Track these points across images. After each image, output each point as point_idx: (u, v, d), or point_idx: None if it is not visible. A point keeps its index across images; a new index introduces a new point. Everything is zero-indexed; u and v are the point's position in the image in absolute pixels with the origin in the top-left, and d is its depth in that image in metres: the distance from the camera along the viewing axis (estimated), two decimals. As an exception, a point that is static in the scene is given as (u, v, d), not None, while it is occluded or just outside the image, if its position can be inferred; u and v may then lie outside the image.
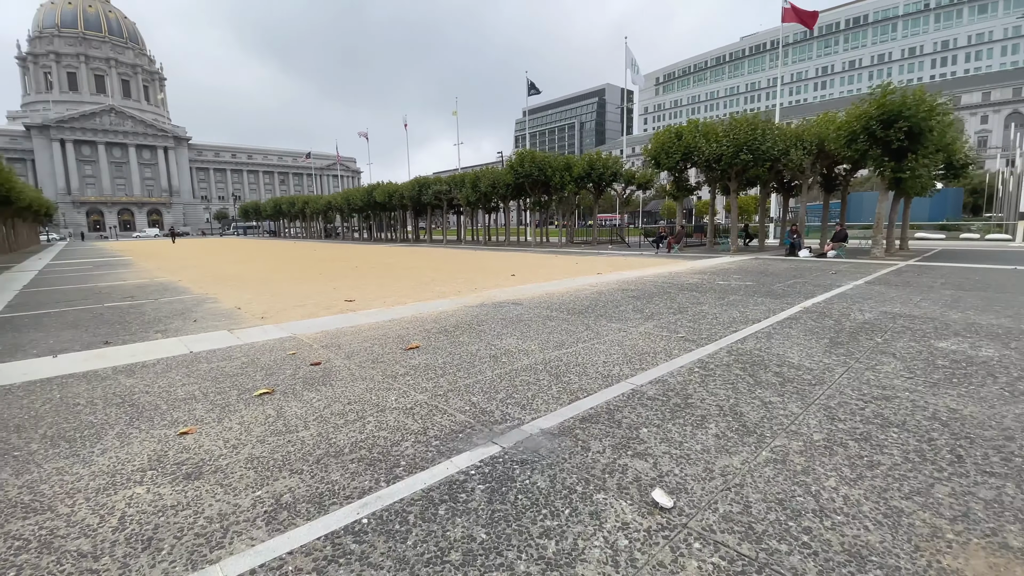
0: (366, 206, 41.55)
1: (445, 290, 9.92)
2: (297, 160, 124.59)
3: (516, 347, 5.31)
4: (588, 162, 27.56)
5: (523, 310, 7.49)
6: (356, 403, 3.81)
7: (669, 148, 20.45)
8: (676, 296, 8.60)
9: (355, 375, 4.50)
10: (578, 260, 17.32)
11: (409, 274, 13.30)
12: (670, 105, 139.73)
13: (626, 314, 7.03)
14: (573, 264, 15.60)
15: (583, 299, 8.43)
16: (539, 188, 28.52)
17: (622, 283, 10.54)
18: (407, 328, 6.41)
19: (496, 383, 4.17)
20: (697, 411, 3.50)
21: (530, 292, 9.40)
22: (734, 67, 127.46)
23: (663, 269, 13.49)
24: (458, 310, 7.64)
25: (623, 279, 11.26)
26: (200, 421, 3.56)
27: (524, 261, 17.41)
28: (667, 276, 11.75)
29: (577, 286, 10.15)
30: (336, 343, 5.72)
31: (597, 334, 5.83)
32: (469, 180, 30.87)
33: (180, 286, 11.82)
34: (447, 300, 8.63)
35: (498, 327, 6.33)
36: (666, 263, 15.47)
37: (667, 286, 9.93)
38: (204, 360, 5.13)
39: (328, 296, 9.46)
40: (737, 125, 18.70)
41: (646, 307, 7.57)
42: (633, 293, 9.03)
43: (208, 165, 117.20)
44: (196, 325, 6.98)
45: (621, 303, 7.97)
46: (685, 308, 7.43)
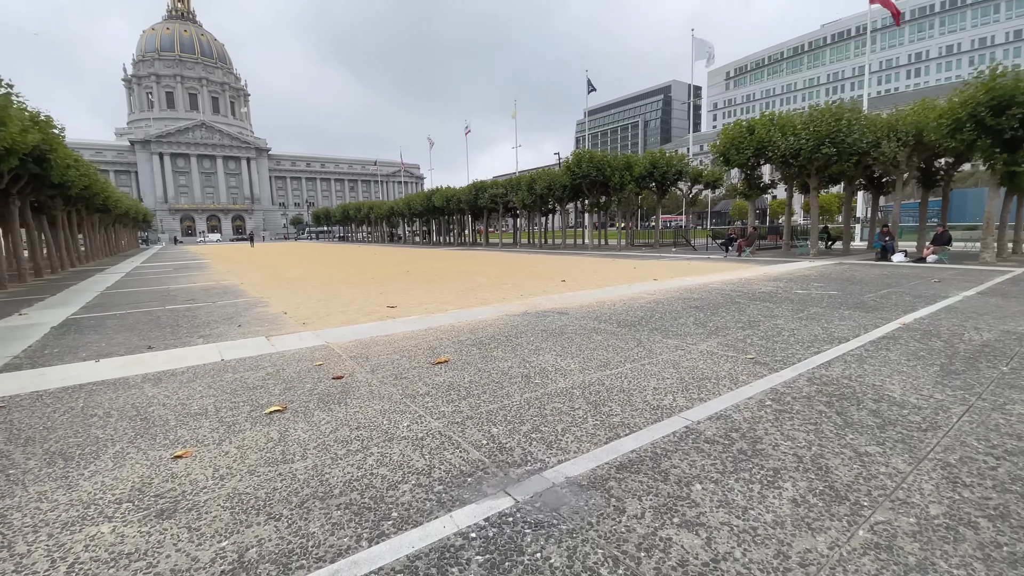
0: (425, 211, 42.34)
1: (489, 297, 9.48)
2: (366, 168, 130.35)
3: (553, 365, 4.73)
4: (650, 160, 26.28)
5: (568, 321, 6.87)
6: (365, 428, 3.40)
7: (740, 143, 18.93)
8: (745, 307, 7.63)
9: (373, 393, 4.11)
10: (636, 264, 16.35)
11: (457, 279, 13.03)
12: (741, 100, 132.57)
13: (685, 328, 6.22)
14: (630, 269, 14.70)
15: (637, 309, 7.67)
16: (597, 189, 27.58)
17: (683, 291, 9.62)
18: (441, 338, 6.01)
19: (523, 410, 3.62)
20: (768, 462, 2.76)
21: (579, 300, 8.74)
22: (814, 57, 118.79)
23: (732, 275, 12.32)
24: (498, 319, 7.15)
25: (685, 286, 10.31)
26: (200, 443, 3.29)
27: (578, 265, 16.69)
28: (736, 283, 10.65)
29: (632, 294, 9.36)
30: (365, 353, 5.41)
31: (649, 352, 5.11)
32: (525, 183, 30.46)
33: (240, 289, 12.23)
34: (489, 308, 8.17)
35: (537, 340, 5.77)
36: (735, 268, 14.20)
37: (735, 295, 8.91)
38: (231, 369, 4.97)
39: (373, 301, 9.30)
40: (819, 116, 16.94)
41: (709, 320, 6.70)
42: (695, 303, 8.14)
43: (285, 174, 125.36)
44: (239, 331, 6.97)
45: (680, 315, 7.14)
46: (756, 322, 6.50)
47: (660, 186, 27.64)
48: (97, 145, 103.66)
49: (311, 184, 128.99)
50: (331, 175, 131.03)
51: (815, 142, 16.62)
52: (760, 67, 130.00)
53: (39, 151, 13.11)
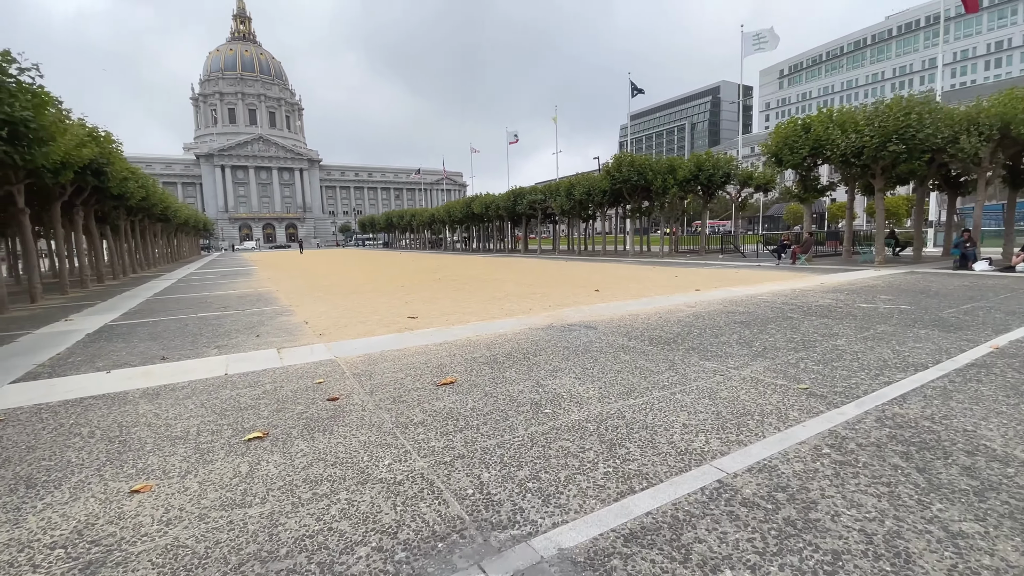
0: (465, 217, 42.44)
1: (515, 307, 9.00)
2: (410, 176, 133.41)
3: (569, 391, 4.18)
4: (696, 163, 25.09)
5: (595, 336, 6.28)
6: (341, 465, 2.99)
7: (794, 143, 17.61)
8: (799, 323, 6.77)
9: (364, 419, 3.72)
10: (678, 273, 15.43)
11: (487, 287, 12.63)
12: (797, 99, 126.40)
13: (727, 348, 5.50)
14: (671, 278, 13.83)
15: (673, 324, 6.96)
16: (639, 193, 26.60)
17: (728, 303, 8.78)
18: (454, 354, 5.58)
19: (525, 449, 3.11)
20: (826, 540, 2.12)
21: (610, 312, 8.11)
22: (878, 51, 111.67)
23: (784, 285, 11.28)
24: (519, 333, 6.65)
25: (730, 298, 9.45)
26: (166, 474, 2.99)
27: (615, 273, 15.94)
28: (789, 295, 9.67)
29: (669, 306, 8.63)
30: (370, 371, 5.05)
31: (682, 377, 4.47)
32: (563, 188, 29.85)
33: (273, 296, 12.34)
34: (513, 320, 7.69)
35: (557, 359, 5.23)
36: (789, 277, 13.06)
37: (788, 309, 8.02)
38: (231, 385, 4.73)
39: (396, 310, 9.03)
40: (885, 111, 15.46)
41: (756, 339, 5.94)
42: (741, 318, 7.33)
43: (335, 183, 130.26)
44: (255, 341, 6.82)
45: (722, 331, 6.39)
46: (811, 342, 5.69)
47: (706, 190, 26.34)
48: (167, 159, 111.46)
49: (359, 193, 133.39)
50: (377, 184, 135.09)
51: (881, 139, 15.16)
52: (817, 63, 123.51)
53: (97, 164, 13.81)
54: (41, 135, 8.58)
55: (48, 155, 8.78)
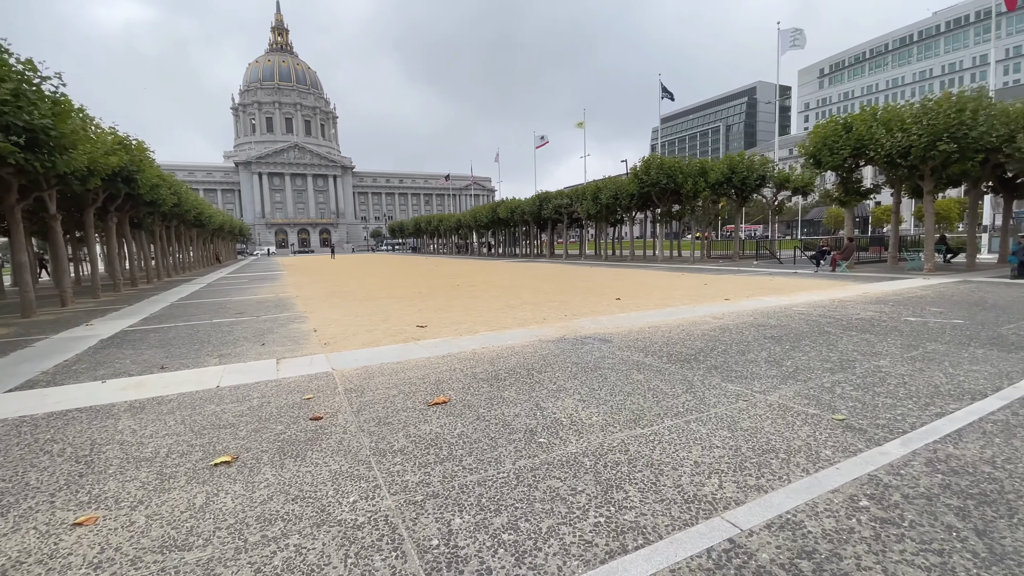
0: (491, 222, 42.31)
1: (529, 316, 8.61)
2: (440, 182, 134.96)
3: (571, 416, 3.78)
4: (728, 165, 24.16)
5: (608, 351, 5.84)
6: (302, 500, 2.69)
7: (834, 143, 16.65)
8: (838, 339, 6.15)
9: (342, 444, 3.42)
10: (708, 280, 14.71)
11: (504, 294, 12.28)
12: (838, 98, 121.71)
13: (753, 368, 4.98)
14: (700, 285, 13.17)
15: (696, 338, 6.44)
16: (668, 197, 25.81)
17: (759, 315, 8.16)
18: (455, 369, 5.24)
19: (508, 488, 2.73)
20: (864, 637, 1.67)
21: (629, 323, 7.63)
22: (925, 47, 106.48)
23: (822, 295, 10.51)
24: (528, 345, 6.27)
25: (762, 308, 8.81)
26: (117, 503, 2.75)
27: (640, 280, 15.34)
28: (827, 306, 8.96)
29: (694, 317, 8.07)
30: (364, 386, 4.77)
31: (700, 403, 4.00)
32: (590, 192, 29.28)
33: (292, 302, 12.34)
34: (524, 330, 7.31)
35: (564, 376, 4.82)
36: (828, 286, 12.22)
37: (825, 322, 7.36)
38: (217, 400, 4.52)
39: (407, 318, 8.79)
40: (934, 108, 14.40)
41: (787, 356, 5.38)
42: (771, 332, 6.74)
43: (367, 189, 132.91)
44: (259, 350, 6.67)
45: (750, 347, 5.85)
46: (850, 362, 5.10)
47: (740, 193, 25.33)
48: (208, 167, 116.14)
49: (390, 199, 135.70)
50: (408, 189, 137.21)
51: (930, 138, 14.10)
52: (860, 61, 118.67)
53: (127, 171, 14.19)
54: (63, 143, 8.76)
55: (69, 162, 8.96)
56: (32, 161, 8.42)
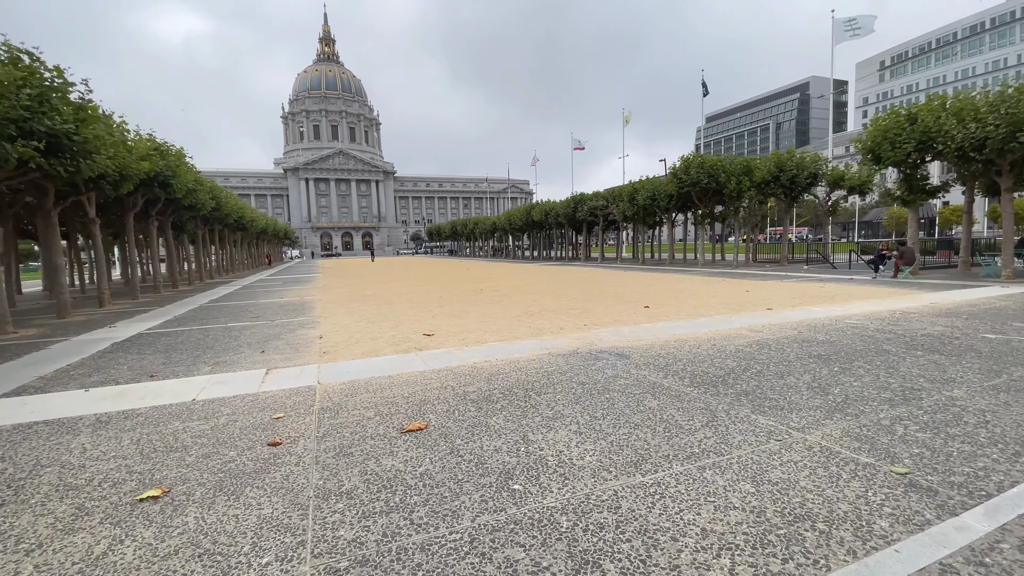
0: (525, 225, 41.77)
1: (546, 325, 7.99)
2: (478, 185, 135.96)
3: (559, 454, 3.17)
4: (776, 163, 22.64)
5: (623, 369, 5.16)
6: (209, 558, 2.22)
7: (895, 136, 15.12)
8: (899, 361, 5.22)
9: (287, 480, 2.95)
10: (751, 287, 13.60)
11: (525, 300, 11.68)
12: (901, 92, 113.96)
13: (793, 396, 4.19)
14: (741, 293, 12.13)
15: (728, 355, 5.65)
16: (710, 198, 24.47)
17: (805, 328, 7.22)
18: (446, 386, 4.72)
19: (455, 559, 2.16)
20: None
21: (653, 336, 6.88)
22: (999, 35, 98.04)
23: (881, 305, 9.35)
24: (535, 360, 5.67)
25: (809, 320, 7.83)
26: (16, 545, 2.38)
27: (675, 286, 14.38)
28: (886, 318, 7.87)
29: (729, 329, 7.23)
30: (342, 404, 4.32)
31: (722, 441, 3.30)
32: (626, 193, 28.23)
33: (312, 306, 12.22)
34: (536, 341, 6.71)
35: (565, 400, 4.20)
36: (888, 295, 10.95)
37: (884, 338, 6.37)
38: (185, 416, 4.19)
39: (416, 326, 8.37)
40: (1014, 96, 12.76)
41: (836, 382, 4.54)
42: (819, 349, 5.85)
43: (408, 193, 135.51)
44: (257, 358, 6.39)
45: (791, 369, 5.02)
46: (915, 391, 4.21)
47: (788, 193, 23.70)
48: (259, 173, 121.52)
49: (430, 202, 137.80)
50: (447, 193, 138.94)
51: (1009, 128, 12.49)
52: (925, 52, 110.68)
53: (163, 176, 14.57)
54: (87, 147, 8.88)
55: (92, 167, 9.07)
56: (56, 166, 8.55)
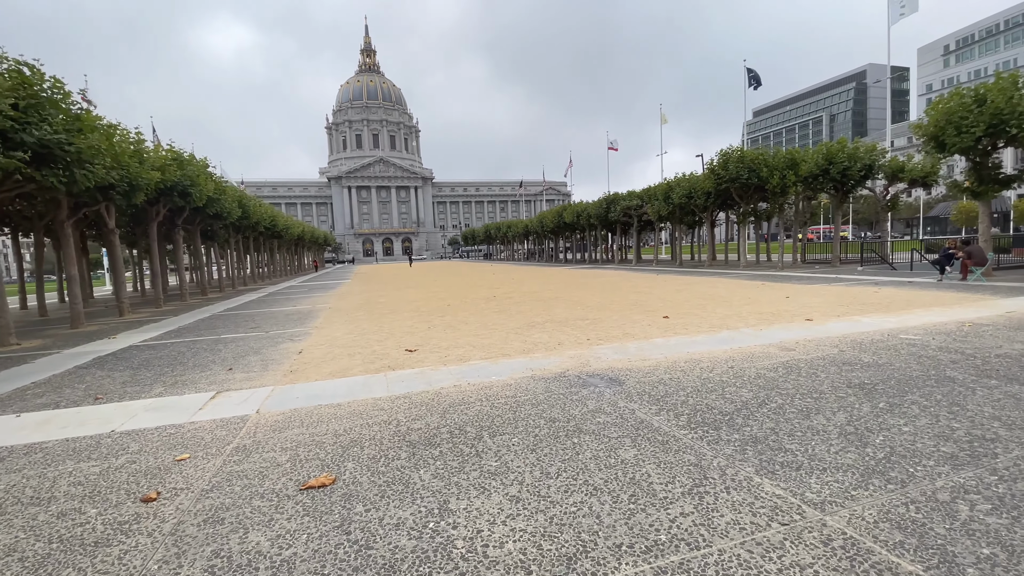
0: (557, 228, 40.73)
1: (544, 340, 7.14)
2: (515, 189, 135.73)
3: (474, 535, 2.35)
4: (824, 156, 20.76)
5: (609, 401, 4.27)
6: None
7: (961, 120, 13.30)
8: (967, 393, 4.07)
9: (118, 563, 2.28)
10: (793, 292, 12.20)
11: (534, 310, 10.83)
12: (968, 77, 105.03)
13: (819, 445, 3.19)
14: (780, 299, 10.82)
15: (745, 383, 4.64)
16: (752, 194, 22.79)
17: (849, 345, 6.05)
18: (394, 420, 3.99)
19: None
20: None
21: (662, 354, 5.91)
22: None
23: (945, 315, 7.93)
24: (511, 385, 4.85)
25: (855, 335, 6.62)
26: None
27: (708, 292, 13.14)
28: (952, 332, 6.54)
29: (756, 347, 6.15)
30: (263, 442, 3.67)
31: (704, 520, 2.39)
32: (660, 191, 26.81)
33: (317, 314, 11.85)
34: (524, 360, 5.89)
35: (520, 447, 3.38)
36: (955, 301, 9.41)
37: (947, 360, 5.15)
38: (84, 454, 3.66)
39: (406, 340, 7.71)
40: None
41: (878, 426, 3.49)
42: (862, 376, 4.74)
43: (446, 199, 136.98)
44: (219, 377, 5.90)
45: (822, 403, 3.99)
46: (989, 441, 3.12)
47: (840, 187, 21.71)
48: (304, 183, 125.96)
49: (467, 207, 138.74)
50: (484, 197, 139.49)
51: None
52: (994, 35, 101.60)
53: (181, 186, 14.69)
54: (82, 157, 8.78)
55: (88, 177, 8.97)
56: (48, 176, 8.47)
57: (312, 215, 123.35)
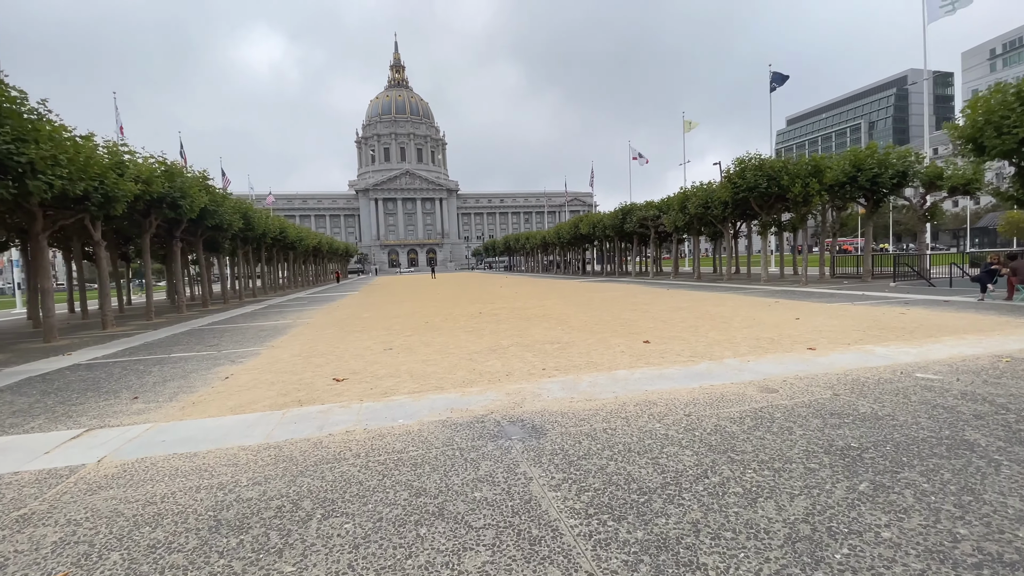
0: (573, 239, 39.66)
1: (496, 368, 6.26)
2: (539, 200, 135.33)
3: None
4: (852, 162, 19.26)
5: (513, 461, 3.36)
6: None
7: (1003, 120, 11.82)
8: (987, 472, 2.97)
9: None
10: (806, 312, 10.93)
11: (511, 329, 9.92)
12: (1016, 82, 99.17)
13: (752, 555, 2.22)
14: (787, 322, 9.61)
15: (694, 441, 3.65)
16: (772, 204, 21.34)
17: (847, 387, 4.94)
18: (229, 484, 3.20)
19: None
20: None
21: (614, 393, 4.94)
22: None
23: (979, 345, 6.64)
24: (411, 432, 3.99)
25: (859, 370, 5.49)
26: None
27: (710, 310, 11.96)
28: (982, 371, 5.33)
29: (732, 385, 5.11)
30: (54, 511, 2.94)
31: None
32: (676, 201, 25.54)
33: (287, 330, 11.26)
34: (453, 396, 5.03)
35: (352, 536, 2.52)
36: (992, 327, 8.05)
37: (969, 414, 4.02)
38: None
39: (347, 364, 6.96)
40: None
41: (849, 523, 2.47)
42: (849, 435, 3.68)
43: (470, 210, 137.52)
44: (121, 406, 5.28)
45: (779, 481, 2.98)
46: (1013, 564, 2.07)
47: (871, 196, 20.09)
48: (333, 195, 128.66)
49: (491, 218, 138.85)
50: (508, 208, 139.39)
51: None
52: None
53: (171, 197, 14.50)
54: (35, 167, 8.48)
55: (39, 187, 8.64)
56: (0, 187, 8.17)
57: (340, 227, 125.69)
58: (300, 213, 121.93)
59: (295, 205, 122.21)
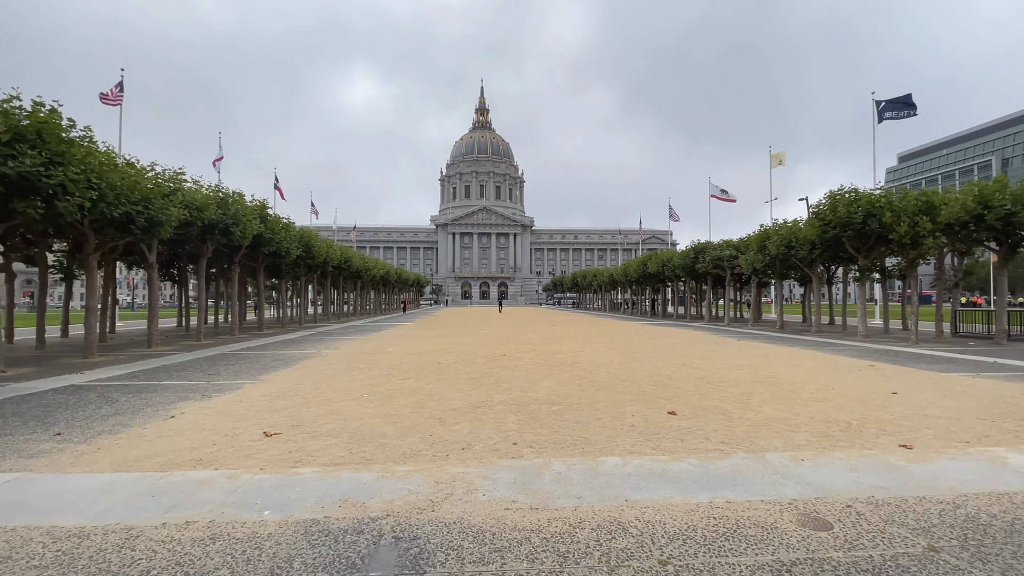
0: (641, 278, 37.22)
1: (454, 438, 4.96)
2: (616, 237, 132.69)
3: None
4: (976, 198, 15.96)
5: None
6: None
7: None
8: None
9: None
10: (911, 384, 8.47)
11: (515, 381, 8.52)
12: None
13: None
14: (879, 395, 7.35)
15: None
16: (872, 245, 18.21)
17: (949, 527, 3.08)
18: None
19: None
20: None
21: (574, 501, 3.47)
22: None
23: None
24: (256, 536, 2.83)
25: (977, 497, 3.55)
26: None
27: (777, 372, 9.76)
28: None
29: (759, 506, 3.43)
30: None
31: None
32: (755, 241, 22.84)
33: (300, 362, 10.72)
34: (367, 477, 3.83)
35: None
36: None
37: None
38: None
39: (308, 412, 6.04)
40: None
41: None
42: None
43: (543, 245, 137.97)
44: (37, 445, 4.68)
45: None
46: None
47: (1003, 239, 16.46)
48: (415, 229, 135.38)
49: (564, 254, 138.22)
50: (582, 245, 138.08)
51: None
52: None
53: (223, 224, 15.00)
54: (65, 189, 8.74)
55: (68, 209, 8.86)
56: (27, 208, 8.44)
57: (419, 258, 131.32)
58: (384, 245, 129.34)
59: (380, 237, 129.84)
